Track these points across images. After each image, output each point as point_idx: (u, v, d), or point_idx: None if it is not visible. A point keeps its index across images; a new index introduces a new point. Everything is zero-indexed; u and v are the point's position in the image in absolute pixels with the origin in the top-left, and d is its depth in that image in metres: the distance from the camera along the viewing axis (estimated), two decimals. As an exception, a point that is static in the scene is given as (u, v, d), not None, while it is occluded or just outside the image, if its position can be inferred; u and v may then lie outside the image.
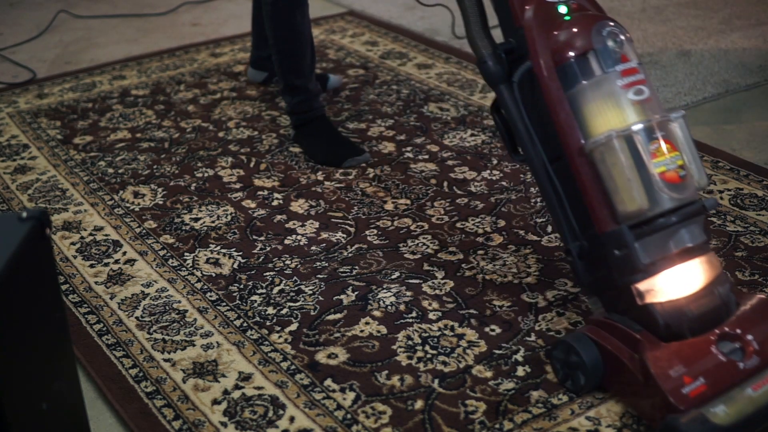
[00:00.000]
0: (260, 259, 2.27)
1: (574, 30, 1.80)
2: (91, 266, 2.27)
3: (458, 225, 2.38)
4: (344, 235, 2.35)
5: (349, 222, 2.42)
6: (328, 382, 1.86)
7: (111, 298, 2.15)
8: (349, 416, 1.77)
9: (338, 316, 2.06)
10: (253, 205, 2.51)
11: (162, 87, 3.30)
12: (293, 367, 1.91)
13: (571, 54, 1.78)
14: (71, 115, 3.10)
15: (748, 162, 2.64)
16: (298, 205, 2.50)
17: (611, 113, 1.75)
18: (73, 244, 2.37)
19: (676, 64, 3.33)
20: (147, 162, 2.77)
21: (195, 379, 1.88)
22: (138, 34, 3.84)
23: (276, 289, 2.15)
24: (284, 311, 2.08)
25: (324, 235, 2.36)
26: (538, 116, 1.84)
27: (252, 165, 2.72)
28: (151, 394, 1.84)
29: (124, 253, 2.32)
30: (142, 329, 2.04)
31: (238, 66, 3.46)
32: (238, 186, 2.61)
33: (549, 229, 2.35)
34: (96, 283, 2.21)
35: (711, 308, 1.73)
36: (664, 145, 1.72)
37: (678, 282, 1.74)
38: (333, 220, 2.43)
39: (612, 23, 1.82)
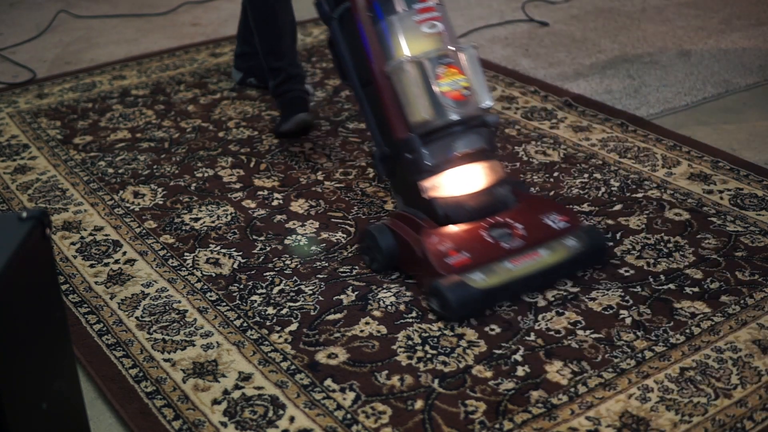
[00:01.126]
0: (260, 259, 2.27)
1: None
2: (91, 266, 2.27)
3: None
4: (344, 235, 2.35)
5: (349, 222, 2.41)
6: (328, 382, 1.86)
7: (111, 298, 2.15)
8: (349, 416, 1.77)
9: (338, 316, 2.06)
10: (253, 205, 2.51)
11: (162, 87, 3.30)
12: (293, 367, 1.91)
13: None
14: (71, 115, 3.10)
15: (748, 162, 2.64)
16: (298, 205, 2.50)
17: (408, 43, 2.12)
18: (73, 244, 2.37)
19: (677, 64, 3.33)
20: (147, 162, 2.77)
21: (195, 379, 1.88)
22: (138, 34, 3.84)
23: (276, 289, 2.15)
24: (284, 311, 2.08)
25: (324, 235, 2.36)
26: (356, 48, 2.20)
27: (252, 165, 2.72)
28: (151, 394, 1.84)
29: (124, 253, 2.31)
30: (142, 329, 2.04)
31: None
32: (238, 186, 2.61)
33: (549, 229, 2.35)
34: (96, 283, 2.21)
35: (487, 203, 2.10)
36: (450, 70, 2.08)
37: (457, 180, 2.11)
38: (333, 220, 2.43)
39: None
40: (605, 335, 1.97)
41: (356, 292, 2.13)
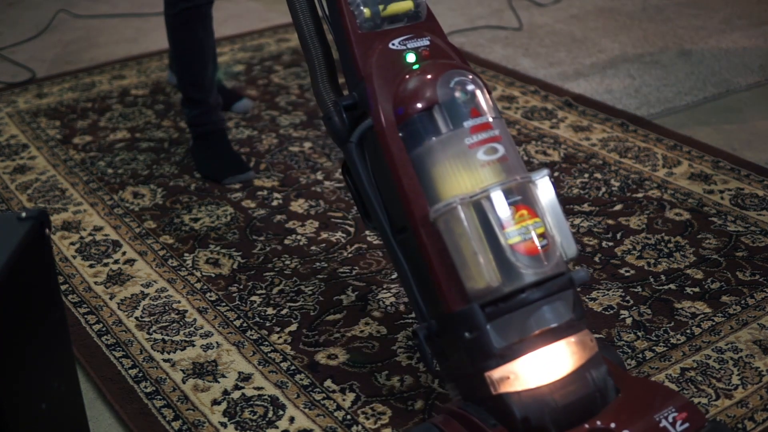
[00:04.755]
0: (260, 260, 2.26)
1: (419, 81, 1.57)
2: (91, 266, 2.27)
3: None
4: (344, 235, 2.35)
5: (349, 222, 2.41)
6: (328, 382, 1.86)
7: (110, 299, 2.14)
8: (349, 417, 1.77)
9: (338, 316, 2.05)
10: (252, 205, 2.50)
11: (161, 87, 3.29)
12: (293, 367, 1.90)
13: (414, 109, 1.55)
14: (71, 114, 3.10)
15: (749, 162, 2.64)
16: (298, 205, 2.50)
17: (458, 176, 1.52)
18: (72, 244, 2.36)
19: (677, 64, 3.33)
20: (146, 162, 2.76)
21: (195, 380, 1.88)
22: (137, 33, 3.83)
23: (276, 290, 2.15)
24: (284, 311, 2.07)
25: (324, 235, 2.35)
26: (383, 180, 1.61)
27: (252, 165, 2.72)
28: (151, 394, 1.84)
29: (124, 253, 2.31)
30: (142, 329, 2.03)
31: (238, 66, 3.45)
32: (237, 186, 2.60)
33: (549, 229, 2.35)
34: (95, 283, 2.20)
35: (580, 397, 1.48)
36: (520, 212, 1.49)
37: (539, 368, 1.49)
38: (333, 220, 2.42)
39: (464, 72, 1.59)
40: (606, 335, 1.96)
41: (356, 293, 2.13)
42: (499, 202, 1.49)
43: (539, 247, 1.49)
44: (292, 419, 1.77)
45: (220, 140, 2.70)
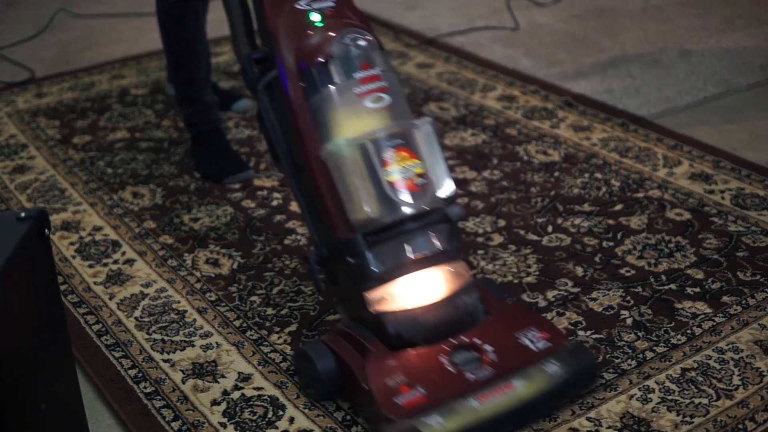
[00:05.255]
0: (260, 260, 2.26)
1: (318, 38, 1.78)
2: (90, 266, 2.26)
3: (458, 225, 2.37)
4: (344, 235, 2.34)
5: (349, 222, 2.41)
6: (328, 382, 1.85)
7: (110, 299, 2.14)
8: (348, 417, 1.76)
9: (338, 316, 2.05)
10: (252, 205, 2.50)
11: (161, 86, 3.29)
12: (293, 367, 1.90)
13: (313, 62, 1.76)
14: (70, 114, 3.10)
15: (749, 162, 2.64)
16: (298, 205, 2.49)
17: (347, 121, 1.74)
18: (72, 244, 2.36)
19: (677, 64, 3.32)
20: (146, 162, 2.76)
21: (194, 380, 1.87)
22: (137, 33, 3.83)
23: (275, 290, 2.15)
24: (284, 311, 2.07)
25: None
26: (286, 125, 1.81)
27: (251, 165, 2.71)
28: (151, 394, 1.84)
29: (123, 253, 2.31)
30: (142, 329, 2.03)
31: (237, 65, 3.45)
32: (237, 186, 2.60)
33: (549, 229, 2.34)
34: (95, 283, 2.20)
35: (450, 318, 1.70)
36: (400, 153, 1.70)
37: (412, 291, 1.71)
38: (333, 219, 2.42)
39: (360, 30, 1.79)
40: (606, 336, 1.96)
41: (356, 293, 2.12)
42: (381, 144, 1.71)
43: (416, 185, 1.71)
44: (291, 419, 1.77)
45: (218, 139, 2.70)
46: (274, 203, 2.51)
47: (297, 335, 1.99)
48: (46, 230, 1.43)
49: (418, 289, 1.72)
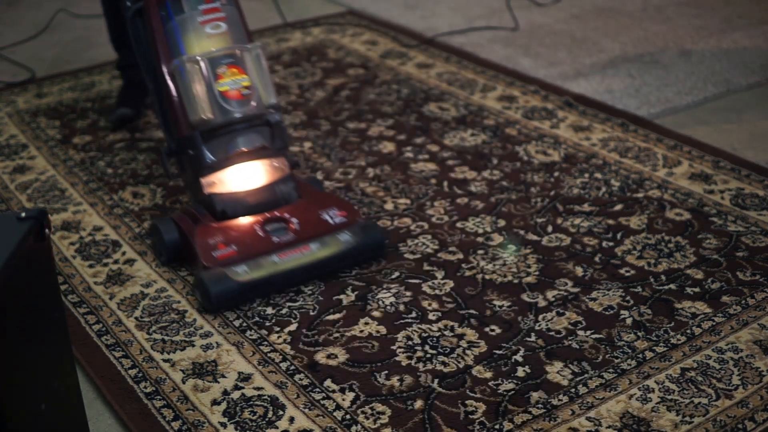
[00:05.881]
0: (260, 259, 2.26)
1: None
2: (90, 266, 2.27)
3: (458, 225, 2.38)
4: (344, 235, 2.35)
5: (348, 222, 2.41)
6: (328, 382, 1.86)
7: (110, 299, 2.14)
8: (348, 417, 1.77)
9: (337, 316, 2.05)
10: (252, 205, 2.50)
11: (161, 86, 3.29)
12: (293, 367, 1.90)
13: None
14: (70, 114, 3.10)
15: (749, 162, 2.64)
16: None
17: (191, 42, 2.21)
18: (72, 244, 2.36)
19: (677, 64, 3.32)
20: (146, 162, 2.76)
21: (194, 380, 1.88)
22: (137, 33, 3.83)
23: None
24: (284, 311, 2.07)
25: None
26: (149, 45, 2.28)
27: (252, 165, 2.72)
28: (151, 394, 1.84)
29: (124, 253, 2.31)
30: (142, 329, 2.03)
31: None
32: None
33: (549, 229, 2.35)
34: (95, 283, 2.20)
35: (266, 199, 2.18)
36: (231, 69, 2.17)
37: (236, 177, 2.19)
38: (333, 219, 2.43)
39: None
40: (606, 335, 1.96)
41: (356, 292, 2.12)
42: (216, 62, 2.17)
43: (243, 95, 2.17)
44: (291, 419, 1.77)
45: (123, 102, 2.99)
46: (274, 203, 2.51)
47: (297, 335, 1.99)
48: (47, 230, 1.43)
49: (242, 176, 2.19)
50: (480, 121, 2.95)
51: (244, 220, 2.14)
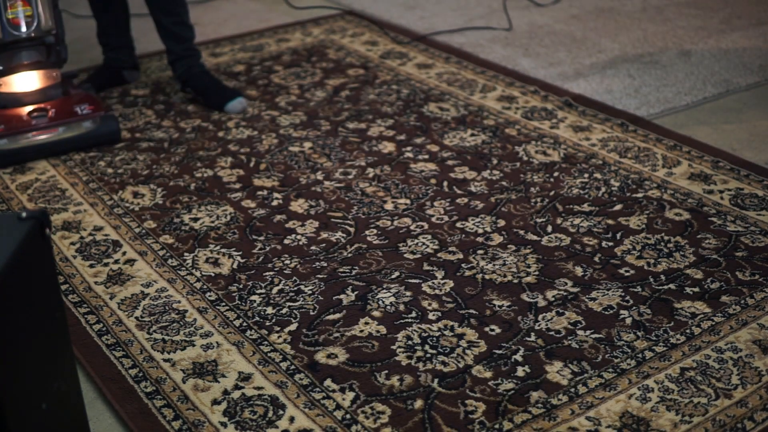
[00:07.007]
0: (260, 259, 2.26)
1: None
2: (91, 266, 2.27)
3: (458, 225, 2.38)
4: (344, 235, 2.35)
5: (349, 222, 2.41)
6: (328, 382, 1.86)
7: (111, 298, 2.14)
8: (348, 416, 1.77)
9: (338, 316, 2.05)
10: (252, 205, 2.51)
11: (161, 87, 3.30)
12: (293, 367, 1.90)
13: None
14: (71, 114, 3.10)
15: (748, 162, 2.64)
16: (298, 205, 2.50)
17: None
18: (72, 244, 2.36)
19: (677, 64, 3.33)
20: (146, 162, 2.76)
21: (195, 379, 1.88)
22: (137, 34, 3.82)
23: (275, 289, 2.15)
24: (284, 311, 2.08)
25: (324, 235, 2.35)
26: None
27: (252, 165, 2.72)
28: (151, 394, 1.84)
29: (124, 253, 2.31)
30: (142, 329, 2.03)
31: (237, 66, 3.45)
32: (237, 186, 2.61)
33: (549, 229, 2.35)
34: (96, 283, 2.21)
35: (35, 97, 2.84)
36: (19, 2, 2.76)
37: (16, 81, 2.85)
38: (333, 220, 2.43)
39: None
40: (605, 335, 1.97)
41: (356, 292, 2.13)
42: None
43: (23, 21, 2.78)
44: (292, 419, 1.77)
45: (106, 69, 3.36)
46: (274, 203, 2.51)
47: (297, 335, 2.00)
48: (47, 230, 1.43)
49: (20, 80, 2.85)
50: (480, 121, 2.95)
51: (18, 110, 2.81)
